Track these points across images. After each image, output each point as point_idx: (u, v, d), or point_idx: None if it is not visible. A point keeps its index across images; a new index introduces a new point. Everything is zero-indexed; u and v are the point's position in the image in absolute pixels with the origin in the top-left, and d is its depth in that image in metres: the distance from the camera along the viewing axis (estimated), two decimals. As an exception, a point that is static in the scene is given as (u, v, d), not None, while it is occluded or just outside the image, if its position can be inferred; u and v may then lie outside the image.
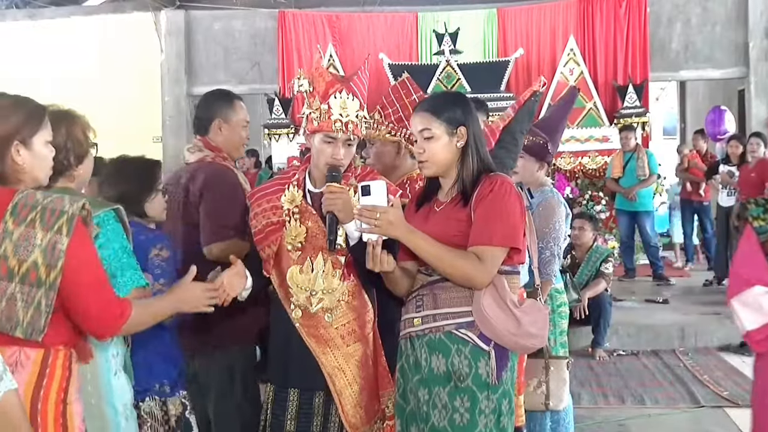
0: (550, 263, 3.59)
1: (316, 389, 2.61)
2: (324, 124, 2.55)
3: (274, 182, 2.77)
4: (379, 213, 2.23)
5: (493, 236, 2.28)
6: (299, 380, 2.63)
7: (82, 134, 2.46)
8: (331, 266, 2.60)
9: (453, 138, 2.38)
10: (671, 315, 7.08)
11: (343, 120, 2.54)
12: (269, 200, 2.70)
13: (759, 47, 9.86)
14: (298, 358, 2.62)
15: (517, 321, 2.29)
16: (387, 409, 2.65)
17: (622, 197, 8.57)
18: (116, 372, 2.53)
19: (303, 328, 2.61)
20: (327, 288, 2.59)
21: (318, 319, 2.60)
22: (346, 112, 2.55)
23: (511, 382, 2.39)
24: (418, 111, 2.44)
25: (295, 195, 2.65)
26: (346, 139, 2.57)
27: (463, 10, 10.31)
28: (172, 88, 10.80)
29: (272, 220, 2.66)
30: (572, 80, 9.63)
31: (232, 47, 10.70)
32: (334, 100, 2.55)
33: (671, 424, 4.81)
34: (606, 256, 6.45)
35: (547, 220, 3.61)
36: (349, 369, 2.61)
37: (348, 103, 2.56)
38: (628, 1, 10.03)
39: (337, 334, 2.61)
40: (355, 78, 2.67)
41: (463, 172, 2.39)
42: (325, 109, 2.55)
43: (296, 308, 2.62)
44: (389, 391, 2.64)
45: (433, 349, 2.35)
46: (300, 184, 2.68)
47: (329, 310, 2.60)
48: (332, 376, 2.59)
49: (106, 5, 11.44)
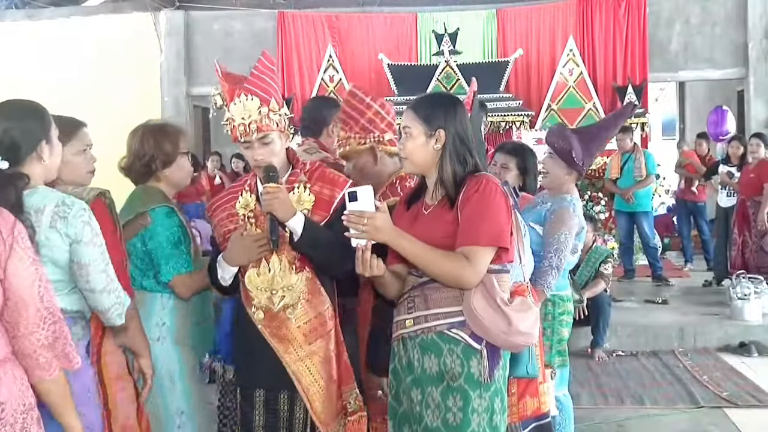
0: (546, 274, 3.38)
1: (281, 389, 2.65)
2: (233, 132, 2.58)
3: (228, 191, 2.80)
4: (367, 218, 2.24)
5: (480, 236, 2.29)
6: (264, 380, 2.66)
7: (170, 145, 2.92)
8: (287, 263, 2.61)
9: (430, 140, 2.40)
10: (670, 315, 7.07)
11: (245, 122, 2.54)
12: (224, 209, 2.73)
13: (758, 48, 9.87)
14: (262, 359, 2.64)
15: (508, 319, 2.29)
16: (349, 404, 2.67)
17: (621, 198, 8.57)
18: (159, 338, 2.84)
19: (266, 329, 2.63)
20: (286, 285, 2.60)
21: (280, 319, 2.62)
22: (248, 113, 2.55)
23: (503, 380, 2.39)
24: (408, 107, 2.47)
25: (249, 200, 2.67)
26: (259, 138, 2.56)
27: (463, 10, 10.32)
28: (172, 88, 10.81)
29: (229, 228, 2.69)
30: (571, 81, 9.64)
31: (232, 48, 10.70)
32: (234, 107, 2.57)
33: (670, 425, 4.80)
34: (605, 257, 6.44)
35: (555, 230, 3.44)
36: (314, 366, 2.63)
37: (247, 104, 2.55)
38: (627, 2, 10.04)
39: (299, 332, 2.62)
40: (250, 76, 2.66)
41: (442, 174, 2.40)
42: (230, 118, 2.58)
43: (258, 310, 2.63)
44: (351, 386, 2.67)
45: (425, 349, 2.35)
46: (252, 188, 2.70)
47: (291, 306, 2.61)
48: (297, 374, 2.61)
49: (106, 5, 11.45)
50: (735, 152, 8.33)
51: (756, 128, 9.45)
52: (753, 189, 7.76)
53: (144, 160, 2.90)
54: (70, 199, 2.20)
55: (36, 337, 1.84)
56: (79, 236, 2.17)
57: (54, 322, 1.89)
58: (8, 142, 2.10)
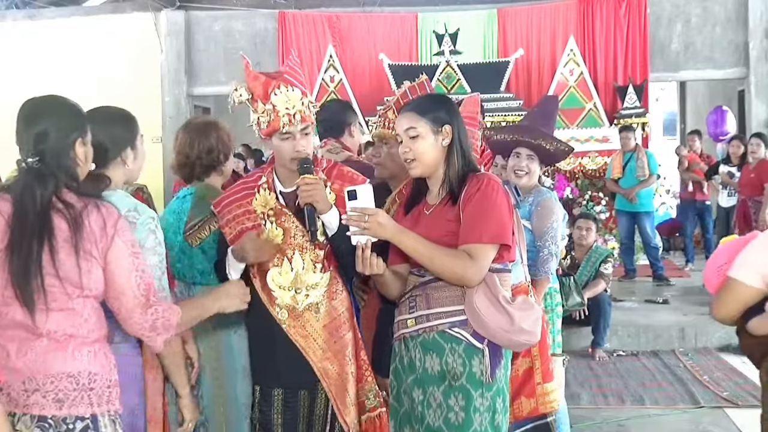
0: (548, 261, 3.60)
1: (300, 388, 2.65)
2: (274, 123, 2.56)
3: (240, 187, 2.76)
4: (368, 215, 2.24)
5: (482, 234, 2.30)
6: (285, 380, 2.66)
7: (227, 137, 3.12)
8: (311, 262, 2.61)
9: (438, 137, 2.40)
10: (671, 315, 7.07)
11: (291, 112, 2.55)
12: (240, 205, 2.70)
13: (759, 48, 9.85)
14: (282, 358, 2.64)
15: (510, 318, 2.29)
16: (368, 400, 2.68)
17: (622, 198, 8.56)
18: (236, 331, 2.93)
19: (290, 329, 2.62)
20: (310, 284, 2.60)
21: (305, 318, 2.62)
22: (291, 103, 2.55)
23: (505, 379, 2.40)
24: (404, 111, 2.46)
25: (268, 198, 2.65)
26: (302, 128, 2.57)
27: (463, 10, 10.31)
28: (172, 88, 10.80)
29: (247, 225, 2.66)
30: (572, 81, 9.63)
31: (232, 48, 10.68)
32: (275, 97, 2.56)
33: (671, 425, 4.80)
34: (605, 257, 6.45)
35: (545, 220, 3.62)
36: (339, 364, 2.63)
37: (290, 95, 2.56)
38: (628, 2, 10.02)
39: (324, 331, 2.62)
40: (287, 70, 2.67)
41: (449, 171, 2.41)
42: (270, 109, 2.56)
43: (281, 310, 2.62)
44: (370, 383, 2.68)
45: (427, 349, 2.35)
46: (270, 186, 2.68)
47: (316, 305, 2.61)
48: (322, 373, 2.61)
49: (106, 5, 11.44)
50: (735, 152, 8.33)
51: (756, 128, 9.44)
52: (753, 189, 7.76)
53: (213, 155, 3.06)
54: (141, 207, 2.33)
55: (135, 320, 2.07)
56: (143, 242, 2.26)
57: (149, 306, 2.08)
58: (96, 146, 2.19)
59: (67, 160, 2.02)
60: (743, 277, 2.35)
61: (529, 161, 3.72)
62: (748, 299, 2.35)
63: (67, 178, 2.01)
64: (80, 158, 2.09)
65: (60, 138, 2.01)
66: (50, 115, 2.04)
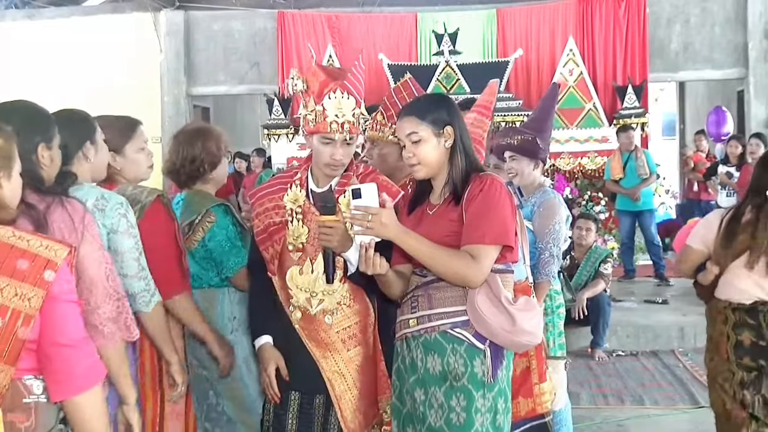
0: (549, 264, 3.57)
1: (317, 393, 2.61)
2: (320, 125, 2.53)
3: (276, 181, 2.74)
4: (371, 215, 2.23)
5: (485, 234, 2.29)
6: (300, 383, 2.62)
7: (215, 147, 3.07)
8: None
9: (440, 138, 2.39)
10: (670, 315, 7.06)
11: (339, 120, 2.51)
12: (271, 199, 2.67)
13: (758, 48, 9.86)
14: (298, 361, 2.61)
15: (512, 318, 2.29)
16: (385, 413, 2.63)
17: (623, 198, 8.54)
18: (233, 331, 3.00)
19: (303, 331, 2.60)
20: (327, 289, 2.56)
21: (318, 322, 2.58)
22: (342, 111, 2.52)
23: (507, 380, 2.39)
24: (403, 116, 2.44)
25: (298, 195, 2.62)
26: (344, 138, 2.54)
27: (463, 10, 10.31)
28: (172, 88, 10.80)
29: (275, 220, 2.63)
30: (572, 81, 9.63)
31: (232, 47, 10.69)
32: (328, 100, 2.52)
33: (670, 425, 4.80)
34: (605, 257, 6.45)
35: (548, 221, 3.59)
36: (349, 374, 2.59)
37: (343, 102, 2.53)
38: (627, 2, 10.03)
39: (338, 338, 2.59)
40: (349, 75, 2.63)
41: (453, 172, 2.41)
42: (320, 111, 2.53)
43: (296, 310, 2.60)
44: (387, 396, 2.62)
45: (428, 349, 2.35)
46: (303, 183, 2.65)
47: (330, 312, 2.58)
48: (332, 380, 2.58)
49: (106, 5, 11.43)
50: (734, 152, 8.33)
51: (756, 128, 9.45)
52: (753, 189, 7.75)
53: (195, 164, 3.04)
54: (108, 194, 2.39)
55: (102, 310, 2.11)
56: (115, 226, 2.34)
57: (118, 299, 2.16)
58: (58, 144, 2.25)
59: (29, 164, 2.03)
60: (692, 242, 3.34)
61: (511, 161, 3.72)
62: (695, 259, 3.33)
63: (29, 180, 2.01)
64: (44, 162, 2.14)
65: (21, 142, 1.99)
66: (12, 121, 2.03)
